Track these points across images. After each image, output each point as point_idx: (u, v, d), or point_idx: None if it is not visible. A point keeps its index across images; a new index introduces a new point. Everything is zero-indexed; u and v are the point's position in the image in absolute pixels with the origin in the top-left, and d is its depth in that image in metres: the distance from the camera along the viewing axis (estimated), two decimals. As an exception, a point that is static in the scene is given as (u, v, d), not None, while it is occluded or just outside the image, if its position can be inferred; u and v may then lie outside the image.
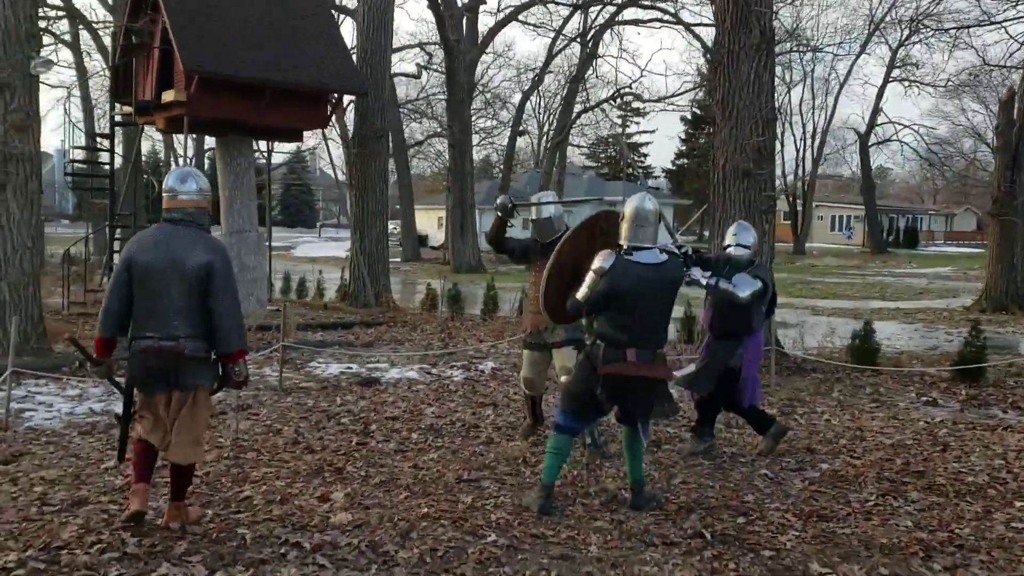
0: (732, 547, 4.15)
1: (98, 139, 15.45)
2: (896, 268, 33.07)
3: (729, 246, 5.82)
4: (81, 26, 29.27)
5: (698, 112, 49.91)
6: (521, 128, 40.07)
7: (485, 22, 34.13)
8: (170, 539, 4.02)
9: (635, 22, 30.26)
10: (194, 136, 19.87)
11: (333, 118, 16.74)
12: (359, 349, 11.08)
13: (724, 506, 4.76)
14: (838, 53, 52.41)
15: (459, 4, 28.30)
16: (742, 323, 5.66)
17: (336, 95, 13.98)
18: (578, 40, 34.31)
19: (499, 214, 6.17)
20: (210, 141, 24.67)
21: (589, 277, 4.54)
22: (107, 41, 23.76)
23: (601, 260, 4.51)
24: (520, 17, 33.07)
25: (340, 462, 5.49)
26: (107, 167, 15.29)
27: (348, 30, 32.77)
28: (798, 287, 23.10)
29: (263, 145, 17.28)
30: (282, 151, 46.99)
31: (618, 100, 36.22)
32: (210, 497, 4.71)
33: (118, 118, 14.86)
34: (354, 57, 15.44)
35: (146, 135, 32.45)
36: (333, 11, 27.41)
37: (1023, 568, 3.90)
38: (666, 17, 29.54)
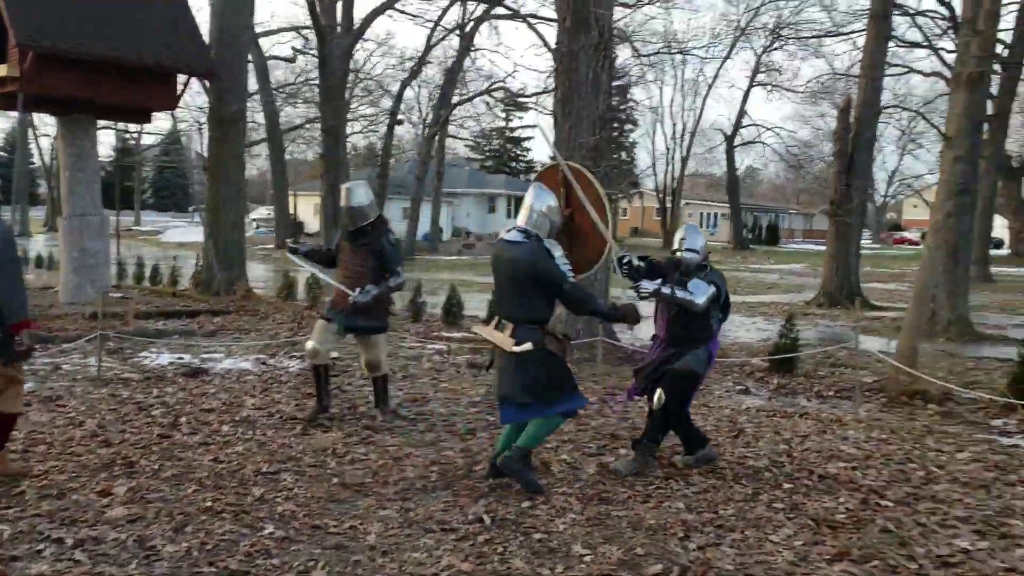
0: (507, 531, 4.29)
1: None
2: (754, 264, 34.69)
3: (677, 251, 5.56)
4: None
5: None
6: (400, 117, 39.76)
7: (364, 8, 33.74)
8: (-84, 537, 3.84)
9: (505, 16, 30.46)
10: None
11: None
12: (199, 339, 10.80)
13: (516, 491, 4.91)
14: (706, 57, 54.33)
15: (332, -12, 27.80)
16: (704, 329, 5.43)
17: (186, 75, 13.53)
18: (456, 32, 34.33)
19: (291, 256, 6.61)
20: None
21: None
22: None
23: None
24: (398, 6, 32.82)
25: (136, 456, 5.36)
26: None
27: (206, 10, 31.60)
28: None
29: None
30: (152, 131, 45.10)
31: (491, 94, 36.22)
32: (-20, 493, 4.52)
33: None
34: (208, 37, 14.96)
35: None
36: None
37: (768, 546, 4.19)
38: (515, 14, 29.81)
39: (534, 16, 25.71)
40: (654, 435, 5.45)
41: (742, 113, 44.08)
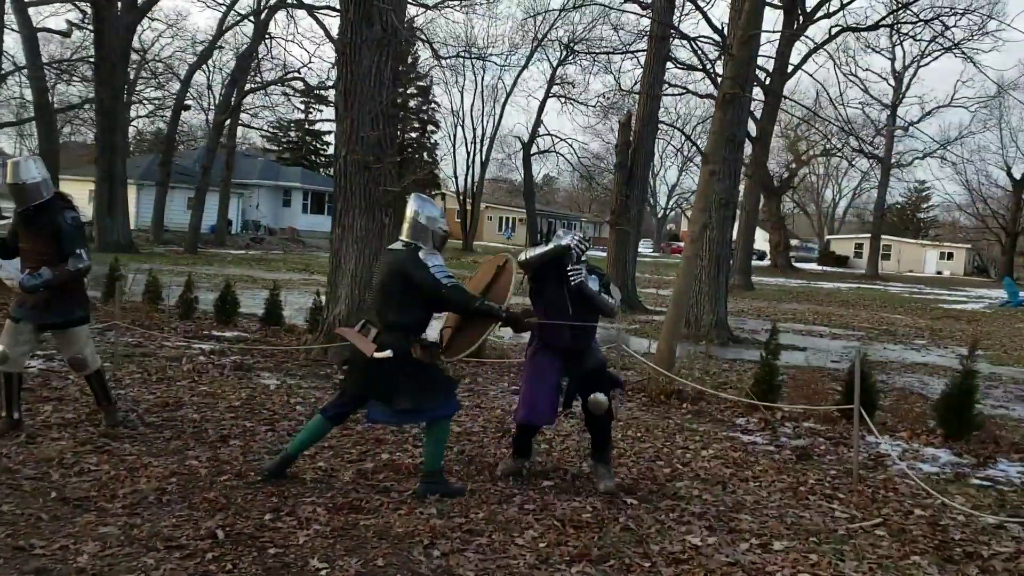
0: (241, 547, 4.02)
1: None
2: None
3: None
4: None
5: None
6: (188, 103, 37.52)
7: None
8: None
9: (291, 5, 29.48)
10: None
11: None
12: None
13: (260, 503, 4.63)
14: (505, 64, 55.61)
15: (111, -41, 25.72)
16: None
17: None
18: (250, 18, 32.88)
19: None
20: None
21: None
22: None
23: None
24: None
25: None
26: None
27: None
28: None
29: None
30: None
31: (289, 84, 35.02)
32: None
33: None
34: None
35: None
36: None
37: (513, 549, 4.20)
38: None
39: (326, 8, 24.95)
40: (609, 434, 5.49)
41: (538, 122, 45.33)
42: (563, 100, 43.32)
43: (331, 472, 5.31)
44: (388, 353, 4.80)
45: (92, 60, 35.47)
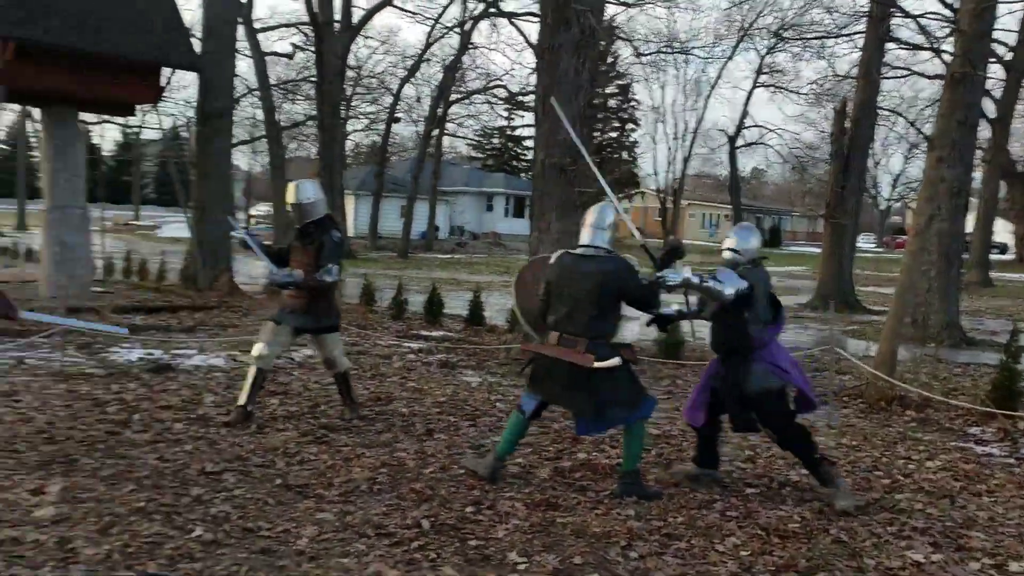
0: (444, 537, 4.15)
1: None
2: (754, 266, 34.41)
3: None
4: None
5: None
6: (398, 115, 39.64)
7: (362, 4, 33.61)
8: None
9: (494, 13, 30.21)
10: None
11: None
12: (176, 334, 10.66)
13: (463, 496, 4.77)
14: (709, 57, 54.16)
15: (330, -16, 27.65)
16: (742, 337, 4.97)
17: (169, 68, 13.42)
18: (456, 30, 34.21)
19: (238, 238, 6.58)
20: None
21: None
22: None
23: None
24: (397, 3, 32.68)
25: (78, 453, 5.23)
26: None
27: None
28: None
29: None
30: (152, 127, 45.03)
31: (492, 92, 36.08)
32: (-95, 490, 4.40)
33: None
34: (198, 30, 14.86)
35: None
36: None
37: (713, 556, 4.05)
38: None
39: (527, 14, 25.43)
40: (809, 459, 4.96)
41: (745, 114, 43.82)
42: (772, 89, 41.63)
43: (529, 469, 5.38)
44: (616, 360, 4.75)
45: (313, 79, 38.46)
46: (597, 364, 4.72)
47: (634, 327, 9.74)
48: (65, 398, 6.74)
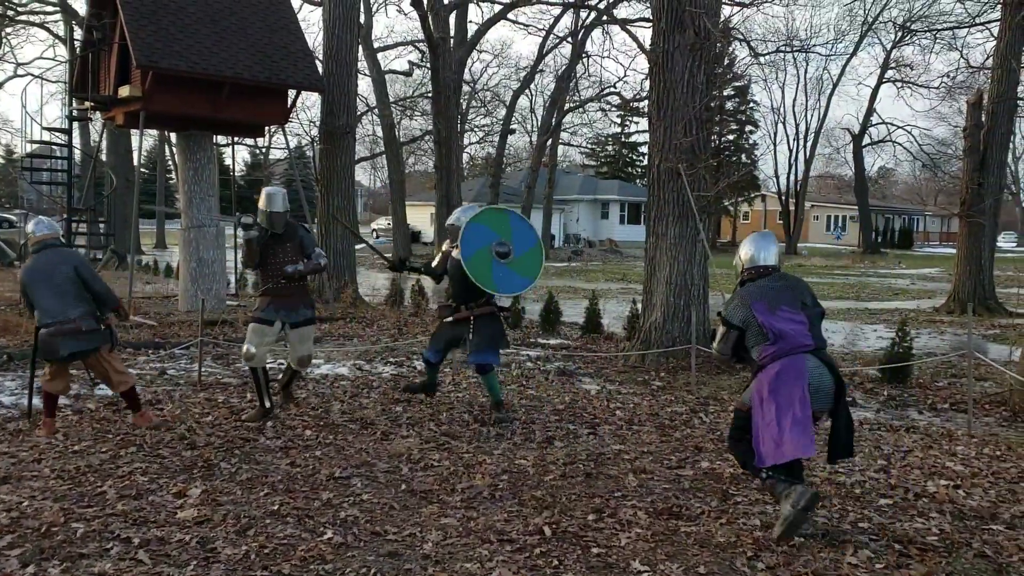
0: (566, 544, 4.16)
1: (54, 133, 15.50)
2: (883, 269, 32.96)
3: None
4: (75, 22, 29.44)
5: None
6: (512, 126, 40.05)
7: (475, 20, 34.17)
8: (-2, 531, 4.06)
9: (607, 21, 30.06)
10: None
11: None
12: (303, 345, 11.09)
13: (584, 504, 4.76)
14: (831, 54, 52.24)
15: (444, 1, 28.28)
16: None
17: (295, 91, 14.02)
18: (568, 39, 34.29)
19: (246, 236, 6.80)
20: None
21: None
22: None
23: None
24: (510, 16, 33.07)
25: (217, 458, 5.52)
26: (64, 161, 15.39)
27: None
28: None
29: (276, 140, 17.33)
30: (279, 147, 47.15)
31: (605, 100, 35.95)
32: (67, 492, 4.74)
33: (75, 112, 14.96)
34: (320, 52, 15.47)
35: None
36: (301, 0, 27.66)
37: (845, 568, 3.89)
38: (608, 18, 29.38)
39: (640, 20, 25.23)
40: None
41: (870, 111, 42.05)
42: (899, 85, 39.84)
43: (651, 477, 5.32)
44: None
45: (429, 95, 39.42)
46: None
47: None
48: (204, 406, 7.13)
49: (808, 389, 4.21)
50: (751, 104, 48.05)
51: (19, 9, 30.81)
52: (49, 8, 31.61)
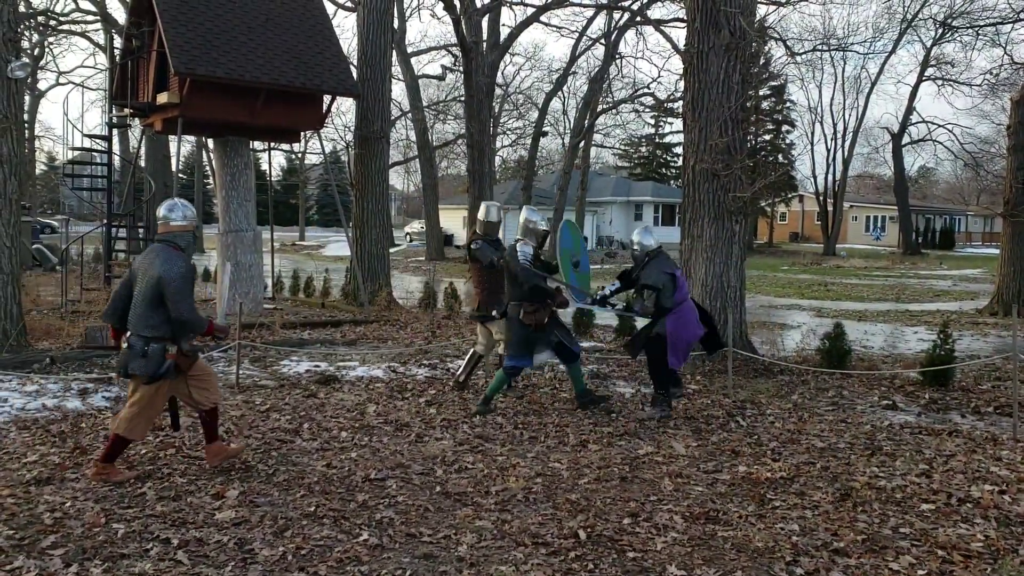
0: (601, 548, 4.13)
1: (95, 140, 15.78)
2: (923, 270, 32.40)
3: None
4: (114, 30, 29.99)
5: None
6: (545, 129, 40.04)
7: (508, 23, 34.29)
8: (42, 531, 4.13)
9: (640, 22, 29.91)
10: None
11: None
12: (339, 347, 11.18)
13: (619, 507, 4.73)
14: (869, 52, 51.51)
15: (477, 5, 28.36)
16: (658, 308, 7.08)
17: (330, 96, 14.14)
18: (601, 41, 34.20)
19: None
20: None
21: None
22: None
23: None
24: (543, 19, 33.06)
25: (254, 460, 5.57)
26: (104, 167, 15.67)
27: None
28: (814, 288, 22.81)
29: (318, 145, 17.51)
30: (314, 152, 47.65)
31: (639, 101, 35.78)
32: (107, 493, 4.82)
33: (115, 119, 15.24)
34: (354, 57, 15.59)
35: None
36: (335, 6, 27.90)
37: (887, 573, 3.82)
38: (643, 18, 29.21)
39: (674, 20, 25.08)
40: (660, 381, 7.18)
41: (910, 110, 41.39)
42: (940, 82, 39.12)
43: (686, 481, 5.27)
44: None
45: (462, 99, 39.57)
46: None
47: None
48: (241, 408, 7.20)
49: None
50: (788, 103, 47.53)
51: (61, 19, 31.45)
52: (90, 17, 32.33)
